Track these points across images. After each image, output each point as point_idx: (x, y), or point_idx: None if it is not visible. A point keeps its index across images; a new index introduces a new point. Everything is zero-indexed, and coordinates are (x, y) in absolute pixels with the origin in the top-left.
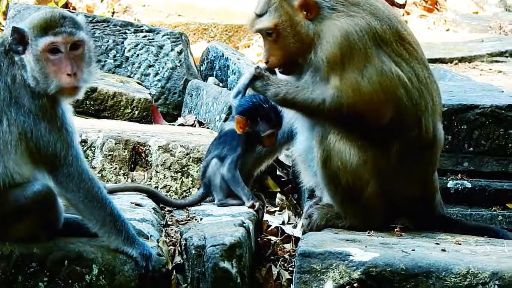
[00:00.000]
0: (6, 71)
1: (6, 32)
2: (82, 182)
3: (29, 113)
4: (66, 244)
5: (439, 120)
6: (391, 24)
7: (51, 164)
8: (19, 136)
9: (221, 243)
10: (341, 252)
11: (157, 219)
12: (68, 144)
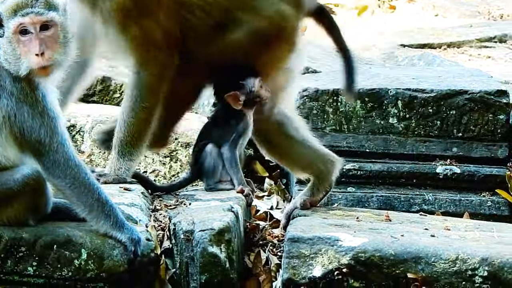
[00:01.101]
0: None
1: None
2: (69, 169)
3: (11, 96)
4: (55, 229)
5: None
6: None
7: (37, 150)
8: (3, 119)
9: (210, 228)
10: (330, 237)
11: (146, 204)
12: (52, 130)
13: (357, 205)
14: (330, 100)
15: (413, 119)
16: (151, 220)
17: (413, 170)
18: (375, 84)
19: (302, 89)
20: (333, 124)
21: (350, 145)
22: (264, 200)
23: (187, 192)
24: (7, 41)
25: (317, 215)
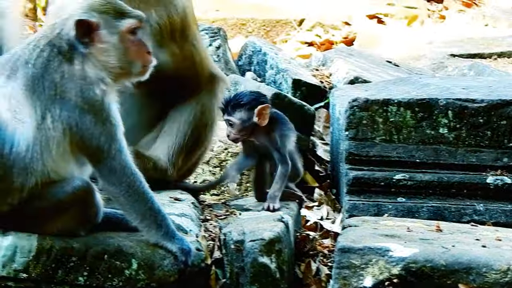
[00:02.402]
0: (55, 70)
1: (57, 28)
2: (125, 176)
3: (75, 107)
4: (106, 239)
5: None
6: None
7: (95, 157)
8: (64, 131)
9: (260, 238)
10: (381, 247)
11: (196, 214)
12: (112, 137)
13: (407, 215)
14: (380, 110)
15: (463, 129)
16: (201, 230)
17: (463, 180)
18: (425, 94)
19: (351, 99)
20: (383, 134)
21: (400, 155)
22: (314, 210)
23: (237, 202)
24: (114, 44)
25: (367, 225)
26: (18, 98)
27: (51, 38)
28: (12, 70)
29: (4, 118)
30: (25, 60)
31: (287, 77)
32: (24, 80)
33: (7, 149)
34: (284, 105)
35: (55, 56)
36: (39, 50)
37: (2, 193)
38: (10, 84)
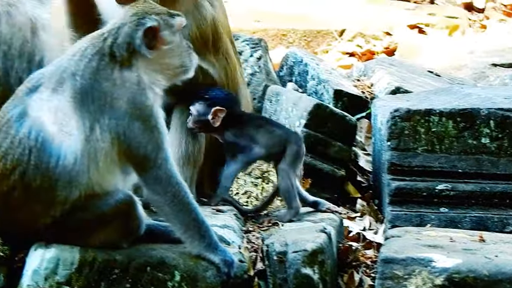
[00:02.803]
0: (106, 78)
1: (109, 37)
2: (170, 186)
3: (124, 115)
4: (148, 251)
5: None
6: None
7: (141, 167)
8: (111, 141)
9: (303, 249)
10: (424, 258)
11: (239, 225)
12: (159, 146)
13: (450, 225)
14: (421, 120)
15: (505, 138)
16: (244, 242)
17: (506, 190)
18: (467, 104)
19: (393, 109)
20: (425, 145)
21: (443, 165)
22: (356, 221)
23: (280, 213)
24: (176, 45)
25: (410, 236)
26: (65, 110)
27: (100, 47)
28: (58, 83)
29: (50, 132)
30: (72, 72)
31: (328, 87)
32: (71, 92)
33: (53, 163)
34: (325, 115)
35: (106, 65)
36: (87, 60)
37: (45, 206)
38: (56, 97)
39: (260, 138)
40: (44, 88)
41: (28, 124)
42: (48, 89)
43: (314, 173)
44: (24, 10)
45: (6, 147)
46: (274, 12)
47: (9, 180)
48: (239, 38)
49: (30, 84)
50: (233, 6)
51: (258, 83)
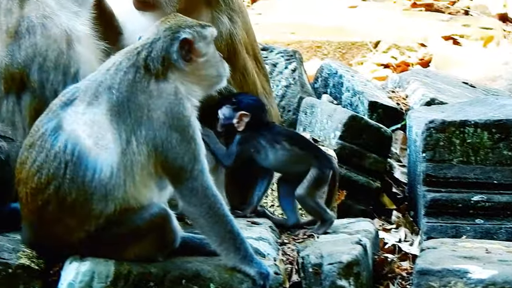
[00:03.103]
0: (143, 90)
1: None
2: (206, 197)
3: (162, 125)
4: (183, 263)
5: None
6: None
7: (177, 178)
8: (148, 153)
9: (338, 261)
10: (459, 269)
11: (274, 238)
12: (195, 157)
13: (485, 237)
14: (457, 131)
15: None
16: (279, 254)
17: None
18: (502, 115)
19: (428, 120)
20: (460, 156)
21: (478, 176)
22: (392, 232)
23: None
24: (211, 56)
25: (445, 247)
26: (101, 123)
27: (135, 60)
28: (94, 97)
29: (86, 145)
30: (108, 85)
31: (363, 99)
32: (108, 105)
33: (89, 176)
34: (360, 127)
35: (141, 77)
36: (122, 74)
37: (79, 220)
38: (92, 110)
39: (269, 152)
40: (79, 101)
41: (63, 137)
42: (83, 102)
43: (349, 185)
44: (59, 22)
45: (41, 161)
46: (309, 24)
47: (44, 194)
48: (274, 50)
49: (65, 98)
50: (267, 18)
51: (292, 95)
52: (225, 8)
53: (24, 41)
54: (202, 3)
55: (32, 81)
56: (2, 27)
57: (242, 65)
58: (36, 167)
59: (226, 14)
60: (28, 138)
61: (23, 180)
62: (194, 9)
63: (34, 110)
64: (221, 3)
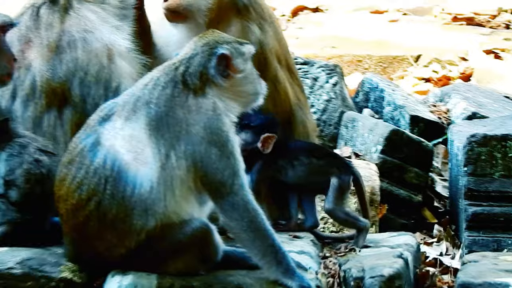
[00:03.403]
0: (181, 105)
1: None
2: (246, 212)
3: (201, 141)
4: (225, 277)
5: None
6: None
7: (217, 192)
8: (188, 168)
9: (380, 275)
10: (501, 283)
11: (316, 251)
12: (235, 172)
13: None
14: (498, 145)
15: None
16: (321, 267)
17: None
18: None
19: (470, 134)
20: (502, 170)
21: None
22: (433, 246)
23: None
24: (250, 71)
25: (487, 261)
26: (140, 138)
27: (173, 75)
28: (132, 112)
29: (125, 160)
30: (146, 101)
31: (404, 113)
32: (146, 120)
33: (128, 191)
34: (402, 141)
35: (180, 92)
36: (160, 89)
37: (120, 236)
38: (130, 125)
39: (289, 171)
40: (117, 117)
41: (102, 153)
42: (121, 118)
43: (390, 199)
44: (101, 36)
45: (81, 177)
46: (350, 38)
47: (84, 210)
48: (315, 64)
49: (103, 113)
50: (308, 33)
51: (334, 109)
52: (255, 18)
53: (65, 55)
54: (233, 12)
55: (74, 96)
56: (43, 41)
57: (273, 75)
58: (76, 184)
59: (256, 23)
60: (66, 155)
61: (63, 197)
62: (224, 19)
63: (75, 124)
64: (251, 13)
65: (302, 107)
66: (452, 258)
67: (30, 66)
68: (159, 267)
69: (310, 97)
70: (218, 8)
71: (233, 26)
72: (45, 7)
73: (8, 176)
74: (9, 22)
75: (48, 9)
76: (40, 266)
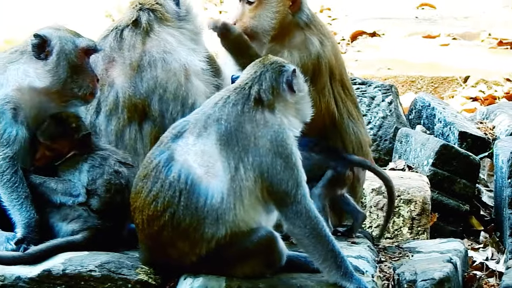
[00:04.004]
0: (250, 119)
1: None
2: (309, 219)
3: (268, 152)
4: (289, 279)
5: None
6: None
7: (282, 202)
8: (255, 179)
9: (431, 278)
10: None
11: (372, 256)
12: (298, 182)
13: None
14: None
15: None
16: (376, 271)
17: None
18: None
19: None
20: None
21: None
22: (479, 251)
23: (409, 244)
24: (307, 91)
25: None
26: (211, 153)
27: (244, 93)
28: (203, 129)
29: (198, 174)
30: (217, 118)
31: (454, 129)
32: (217, 136)
33: (201, 202)
34: (451, 155)
35: (250, 108)
36: (231, 105)
37: (192, 244)
38: (201, 141)
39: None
40: (189, 134)
41: (176, 168)
42: (193, 134)
43: (440, 208)
44: (179, 57)
45: (157, 190)
46: (404, 60)
47: (160, 220)
48: (372, 84)
49: (175, 131)
50: (366, 55)
51: (389, 126)
52: (316, 33)
53: (146, 73)
54: (295, 27)
55: (153, 111)
56: (126, 61)
57: (321, 88)
58: (152, 196)
59: (317, 37)
60: (141, 170)
61: (139, 208)
62: (287, 33)
63: (154, 137)
64: (312, 28)
65: (354, 120)
66: (497, 263)
67: (114, 83)
68: (227, 271)
69: (367, 114)
70: (280, 27)
71: (296, 37)
72: (128, 29)
73: (90, 185)
74: (93, 46)
75: (131, 32)
76: (118, 269)
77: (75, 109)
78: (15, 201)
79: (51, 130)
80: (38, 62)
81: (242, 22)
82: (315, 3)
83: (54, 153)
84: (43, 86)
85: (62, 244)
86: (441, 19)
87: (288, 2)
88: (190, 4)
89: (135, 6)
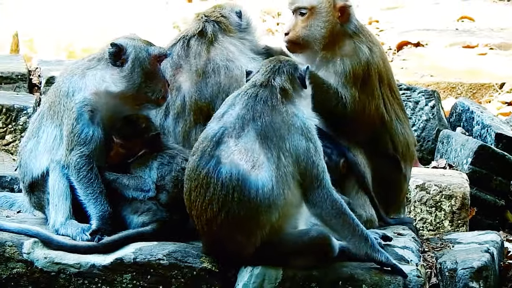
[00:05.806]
0: (280, 111)
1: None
2: (334, 202)
3: (301, 138)
4: (340, 268)
5: None
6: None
7: (309, 186)
8: (293, 163)
9: (470, 267)
10: None
11: (416, 247)
12: (323, 168)
13: None
14: None
15: None
16: (420, 260)
17: None
18: None
19: None
20: None
21: None
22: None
23: (450, 236)
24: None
25: None
26: (253, 149)
27: (269, 89)
28: (241, 129)
29: (246, 169)
30: (252, 117)
31: (491, 131)
32: (255, 133)
33: (253, 194)
34: (488, 155)
35: (278, 101)
36: (262, 103)
37: (248, 233)
38: (242, 141)
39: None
40: (228, 138)
41: (226, 169)
42: (232, 137)
43: (478, 203)
44: (240, 64)
45: (211, 194)
46: (445, 68)
47: (217, 221)
48: (416, 90)
49: (215, 139)
50: (411, 63)
51: (431, 128)
52: (365, 40)
53: (210, 79)
54: (345, 36)
55: None
56: (192, 67)
57: (371, 91)
58: (207, 201)
59: (366, 45)
60: (190, 183)
61: (196, 215)
62: (337, 42)
63: None
64: (361, 37)
65: (401, 122)
66: None
67: (181, 88)
68: (283, 263)
69: (412, 118)
70: (330, 35)
71: (346, 46)
72: (194, 39)
73: (159, 181)
74: (164, 53)
75: (197, 41)
76: (184, 258)
77: (146, 112)
78: (90, 196)
79: (124, 130)
80: (114, 69)
81: (295, 32)
82: (364, 16)
83: (127, 151)
84: (119, 90)
85: (133, 235)
86: (479, 30)
87: (337, 14)
88: (250, 17)
89: (201, 18)
